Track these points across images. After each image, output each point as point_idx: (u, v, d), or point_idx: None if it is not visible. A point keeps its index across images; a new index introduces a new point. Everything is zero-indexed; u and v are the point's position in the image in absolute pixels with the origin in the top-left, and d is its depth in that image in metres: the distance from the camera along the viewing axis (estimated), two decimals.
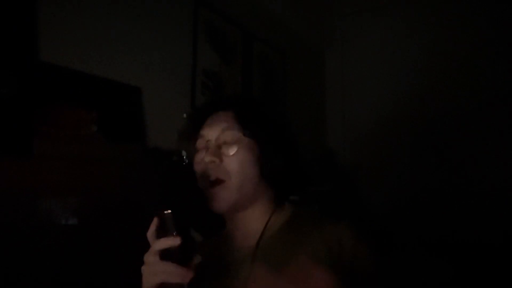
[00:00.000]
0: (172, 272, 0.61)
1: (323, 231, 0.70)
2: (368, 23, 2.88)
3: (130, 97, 1.43)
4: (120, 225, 1.12)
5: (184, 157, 0.79)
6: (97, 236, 1.12)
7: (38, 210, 1.05)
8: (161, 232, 0.63)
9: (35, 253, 1.00)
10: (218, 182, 0.71)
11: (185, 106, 1.68)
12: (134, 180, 1.23)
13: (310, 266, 0.67)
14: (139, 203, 1.17)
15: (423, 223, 2.33)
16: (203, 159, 0.73)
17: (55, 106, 1.16)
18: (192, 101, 1.74)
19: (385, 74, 2.72)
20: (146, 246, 0.65)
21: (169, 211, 0.62)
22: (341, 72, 2.98)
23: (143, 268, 0.64)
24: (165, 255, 0.62)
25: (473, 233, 2.18)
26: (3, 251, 0.94)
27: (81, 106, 1.22)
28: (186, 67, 1.74)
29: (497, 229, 2.13)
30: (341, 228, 0.70)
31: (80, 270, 1.05)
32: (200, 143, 0.76)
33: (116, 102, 1.37)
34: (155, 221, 0.64)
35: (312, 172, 2.24)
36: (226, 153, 0.71)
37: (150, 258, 0.63)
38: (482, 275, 1.98)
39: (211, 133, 0.74)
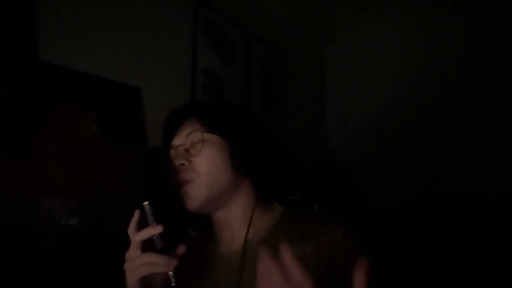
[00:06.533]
0: (155, 262, 0.60)
1: (315, 235, 0.68)
2: (368, 22, 2.88)
3: (130, 97, 1.43)
4: (120, 225, 1.12)
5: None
6: (97, 236, 1.12)
7: (38, 210, 1.05)
8: (142, 225, 0.64)
9: (35, 253, 1.00)
10: (188, 181, 0.73)
11: None
12: (134, 180, 1.23)
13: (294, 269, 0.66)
14: (139, 203, 1.17)
15: (423, 223, 2.33)
16: (174, 165, 0.75)
17: (55, 106, 1.16)
18: (192, 101, 1.74)
19: (385, 73, 2.72)
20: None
21: (147, 202, 0.64)
22: (341, 72, 2.98)
23: (125, 265, 0.63)
24: (147, 247, 0.62)
25: (473, 232, 2.18)
26: (3, 251, 0.95)
27: (81, 106, 1.22)
28: (186, 67, 1.74)
29: (497, 228, 2.13)
30: (335, 235, 0.68)
31: (80, 270, 1.05)
32: (172, 153, 0.78)
33: (116, 102, 1.37)
34: (136, 215, 0.65)
35: (312, 172, 2.25)
36: (193, 153, 0.73)
37: (131, 253, 0.63)
38: (482, 274, 1.98)
39: (178, 140, 0.77)
